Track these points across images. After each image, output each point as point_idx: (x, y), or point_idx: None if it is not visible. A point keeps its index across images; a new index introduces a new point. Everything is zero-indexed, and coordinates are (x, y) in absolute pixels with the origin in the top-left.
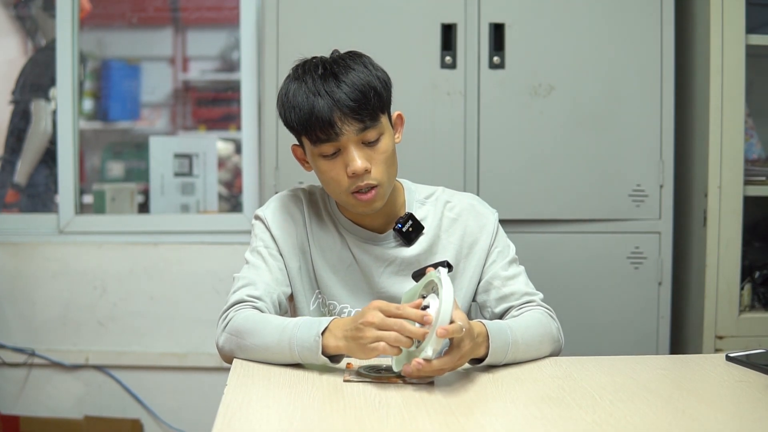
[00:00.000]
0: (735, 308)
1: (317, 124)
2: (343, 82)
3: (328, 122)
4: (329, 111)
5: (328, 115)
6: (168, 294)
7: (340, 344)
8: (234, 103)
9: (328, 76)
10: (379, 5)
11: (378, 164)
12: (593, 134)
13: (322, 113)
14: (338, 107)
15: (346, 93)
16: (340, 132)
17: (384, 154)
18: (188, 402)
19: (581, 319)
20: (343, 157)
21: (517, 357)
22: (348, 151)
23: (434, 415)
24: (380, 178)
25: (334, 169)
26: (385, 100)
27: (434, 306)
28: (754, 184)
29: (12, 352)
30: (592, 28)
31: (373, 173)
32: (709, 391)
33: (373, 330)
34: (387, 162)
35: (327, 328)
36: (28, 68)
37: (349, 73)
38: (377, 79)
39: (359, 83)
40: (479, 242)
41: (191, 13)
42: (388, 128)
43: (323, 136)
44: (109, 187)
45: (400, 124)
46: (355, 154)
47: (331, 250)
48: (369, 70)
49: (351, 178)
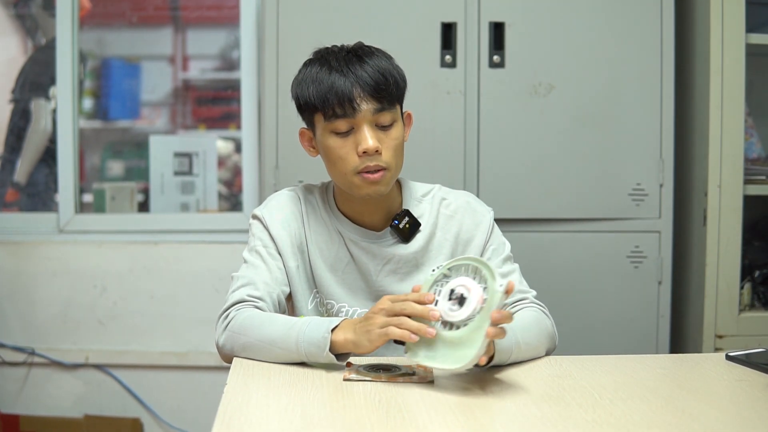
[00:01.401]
0: (735, 307)
1: (336, 98)
2: (366, 64)
3: (347, 97)
4: (350, 86)
5: (349, 90)
6: (168, 293)
7: (348, 336)
8: (234, 102)
9: (352, 58)
10: (379, 4)
11: (388, 149)
12: (593, 133)
13: (343, 88)
14: (359, 84)
15: (368, 73)
16: (357, 108)
17: (395, 141)
18: (188, 401)
19: (581, 319)
20: (355, 136)
21: (519, 357)
22: (361, 130)
23: (434, 415)
24: (389, 161)
25: (344, 147)
26: (401, 92)
27: (469, 287)
28: (754, 183)
29: (12, 351)
30: (592, 28)
31: (383, 156)
32: (708, 391)
33: (381, 316)
34: (396, 150)
35: (338, 326)
36: (28, 67)
37: (373, 57)
38: (397, 71)
39: (382, 67)
40: (475, 239)
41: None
42: (401, 120)
43: (340, 111)
44: (109, 186)
45: (409, 123)
46: (367, 133)
47: (328, 249)
48: (390, 62)
49: (361, 157)
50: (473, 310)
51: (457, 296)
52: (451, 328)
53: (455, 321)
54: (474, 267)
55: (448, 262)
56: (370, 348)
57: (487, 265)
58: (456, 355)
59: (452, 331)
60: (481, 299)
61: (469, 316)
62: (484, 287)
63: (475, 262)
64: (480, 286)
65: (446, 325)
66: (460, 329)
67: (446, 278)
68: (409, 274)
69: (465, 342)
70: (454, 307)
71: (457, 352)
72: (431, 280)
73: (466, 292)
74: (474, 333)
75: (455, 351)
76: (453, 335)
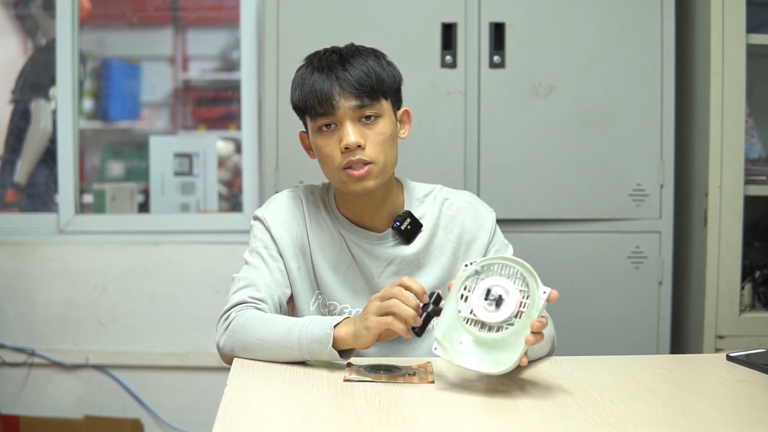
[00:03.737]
0: (735, 308)
1: (316, 99)
2: (348, 63)
3: (326, 96)
4: (329, 86)
5: (328, 89)
6: (168, 294)
7: (349, 330)
8: (234, 102)
9: (336, 58)
10: (379, 5)
11: (373, 144)
12: (593, 134)
13: (322, 87)
14: (338, 83)
15: (349, 71)
16: (337, 105)
17: (380, 135)
18: (188, 402)
19: (582, 319)
20: (339, 132)
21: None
22: (344, 126)
23: (434, 415)
24: (374, 156)
25: (329, 144)
26: (387, 86)
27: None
28: (754, 184)
29: (12, 352)
30: (593, 28)
31: (367, 150)
32: (709, 391)
33: (376, 301)
34: (383, 144)
35: (340, 322)
36: (28, 68)
37: (357, 57)
38: (384, 69)
39: (364, 66)
40: (477, 240)
41: (191, 12)
42: (389, 114)
43: (320, 109)
44: (109, 187)
45: (407, 120)
46: (349, 129)
47: (330, 250)
48: (379, 60)
49: (344, 153)
50: (510, 314)
51: (495, 297)
52: (486, 329)
53: (492, 322)
54: (515, 271)
55: (481, 259)
56: (369, 337)
57: (529, 269)
58: (494, 359)
59: (489, 333)
60: (519, 303)
61: (506, 320)
62: (520, 290)
63: (515, 264)
64: (517, 289)
65: (479, 324)
66: (499, 331)
67: (478, 275)
68: (411, 275)
69: (503, 346)
70: (490, 307)
71: (495, 356)
72: (463, 276)
73: (504, 294)
74: (514, 337)
75: (492, 354)
76: (491, 337)
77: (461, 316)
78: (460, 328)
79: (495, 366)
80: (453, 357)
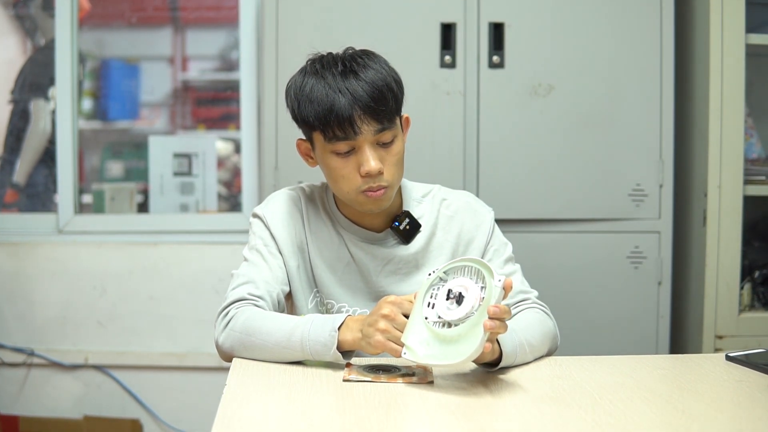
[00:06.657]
0: (735, 308)
1: (336, 121)
2: (363, 80)
3: (347, 120)
4: (350, 108)
5: (349, 113)
6: (168, 294)
7: (356, 336)
8: (233, 102)
9: (348, 73)
10: (379, 5)
11: (390, 166)
12: (593, 134)
13: (343, 110)
14: (359, 105)
15: (366, 92)
16: (358, 131)
17: (396, 156)
18: (188, 402)
19: (581, 319)
20: (357, 156)
21: (525, 359)
22: (363, 151)
23: (434, 415)
24: (391, 180)
25: (346, 167)
26: (399, 103)
27: (467, 286)
28: (753, 184)
29: (11, 352)
30: (592, 28)
31: (385, 175)
32: (708, 391)
33: (382, 322)
34: (398, 164)
35: (343, 323)
36: (27, 68)
37: (369, 71)
38: (393, 80)
39: (379, 83)
40: (476, 240)
41: (190, 12)
42: (400, 131)
43: (341, 133)
44: (108, 187)
45: (407, 126)
46: (369, 155)
47: (329, 249)
48: (386, 70)
49: (364, 178)
50: (471, 308)
51: (455, 295)
52: (449, 326)
53: (452, 319)
54: (474, 269)
55: (443, 266)
56: (370, 350)
57: (485, 264)
58: (457, 350)
59: (450, 329)
60: (479, 297)
61: (467, 314)
62: (482, 286)
63: (473, 263)
64: (478, 286)
65: (444, 324)
66: (458, 326)
67: (442, 282)
68: (409, 275)
69: (463, 338)
70: (451, 306)
71: (456, 348)
72: (427, 284)
73: (464, 291)
74: (472, 329)
75: (454, 347)
76: (450, 332)
77: (429, 321)
78: (427, 332)
79: (454, 357)
80: (420, 358)
